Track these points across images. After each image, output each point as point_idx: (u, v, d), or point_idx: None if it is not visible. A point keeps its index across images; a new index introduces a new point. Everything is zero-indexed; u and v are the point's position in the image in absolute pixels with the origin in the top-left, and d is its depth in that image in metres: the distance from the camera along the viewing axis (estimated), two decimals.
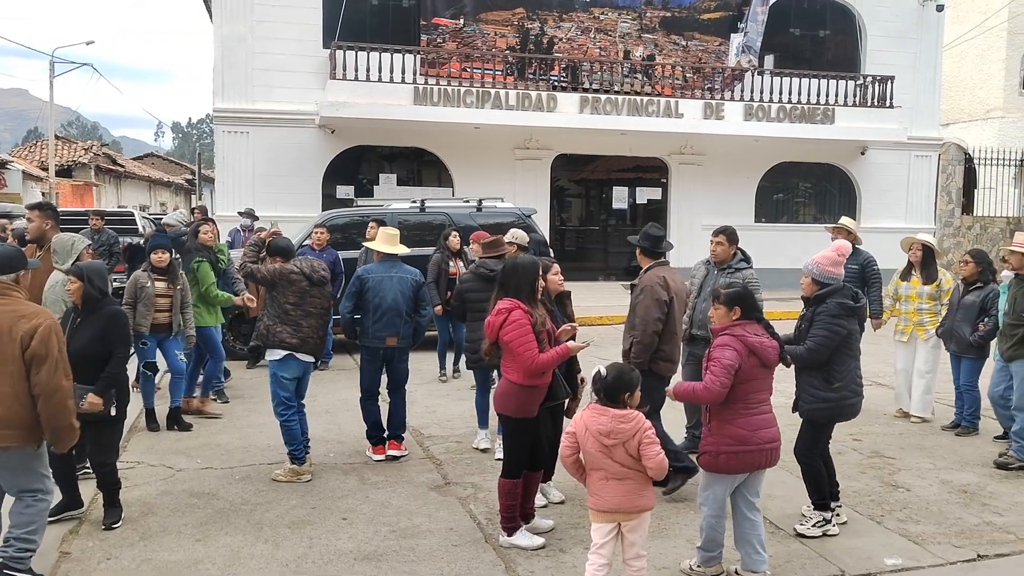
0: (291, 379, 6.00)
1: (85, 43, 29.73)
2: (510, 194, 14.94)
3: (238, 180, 16.53)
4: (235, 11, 16.37)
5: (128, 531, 4.93)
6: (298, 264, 6.05)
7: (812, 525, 5.02)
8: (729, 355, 4.15)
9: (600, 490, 3.93)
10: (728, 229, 6.32)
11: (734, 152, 18.54)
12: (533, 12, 17.85)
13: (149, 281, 7.05)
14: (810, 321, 4.95)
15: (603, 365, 4.03)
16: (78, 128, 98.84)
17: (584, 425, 3.94)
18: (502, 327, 4.70)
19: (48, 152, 28.67)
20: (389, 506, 5.45)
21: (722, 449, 4.20)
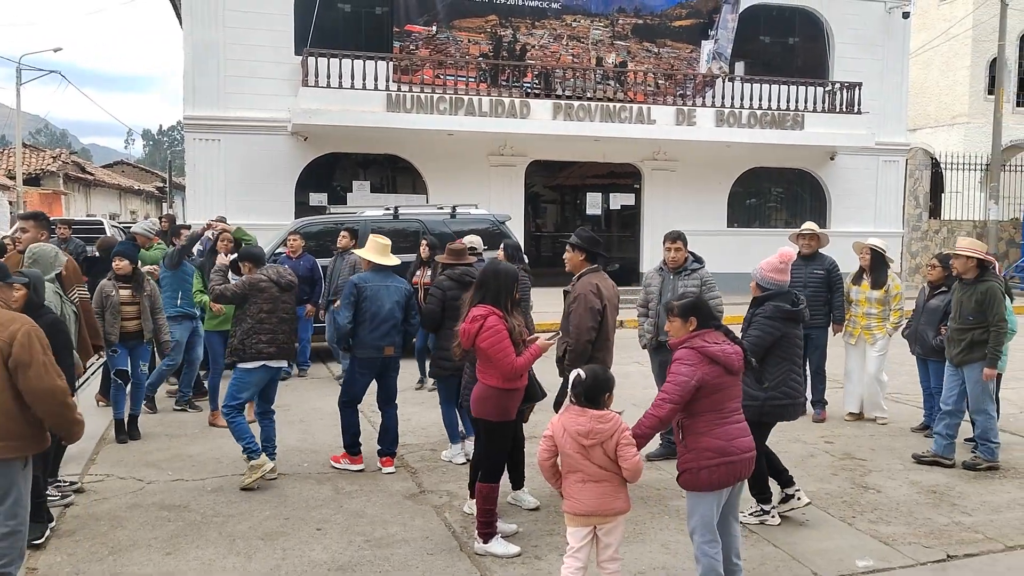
0: (258, 385, 6.06)
1: (53, 50, 29.32)
2: (484, 201, 14.95)
3: (209, 188, 16.37)
4: (205, 17, 16.23)
5: (97, 545, 4.85)
6: (265, 272, 6.07)
7: (749, 513, 5.16)
8: (684, 371, 3.95)
9: (577, 493, 3.92)
10: (683, 234, 6.45)
11: (706, 158, 18.69)
12: (506, 19, 17.89)
13: (114, 290, 6.98)
14: (749, 322, 5.09)
15: (580, 369, 4.04)
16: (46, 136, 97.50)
17: (562, 427, 3.93)
18: (479, 334, 4.71)
19: (15, 160, 28.23)
20: (363, 515, 5.41)
21: (702, 464, 3.94)
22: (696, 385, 3.93)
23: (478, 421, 4.98)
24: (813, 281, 7.71)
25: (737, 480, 4.07)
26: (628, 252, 19.65)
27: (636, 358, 10.19)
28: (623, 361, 11.07)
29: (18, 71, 28.18)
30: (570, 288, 5.70)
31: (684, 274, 6.31)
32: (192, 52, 16.29)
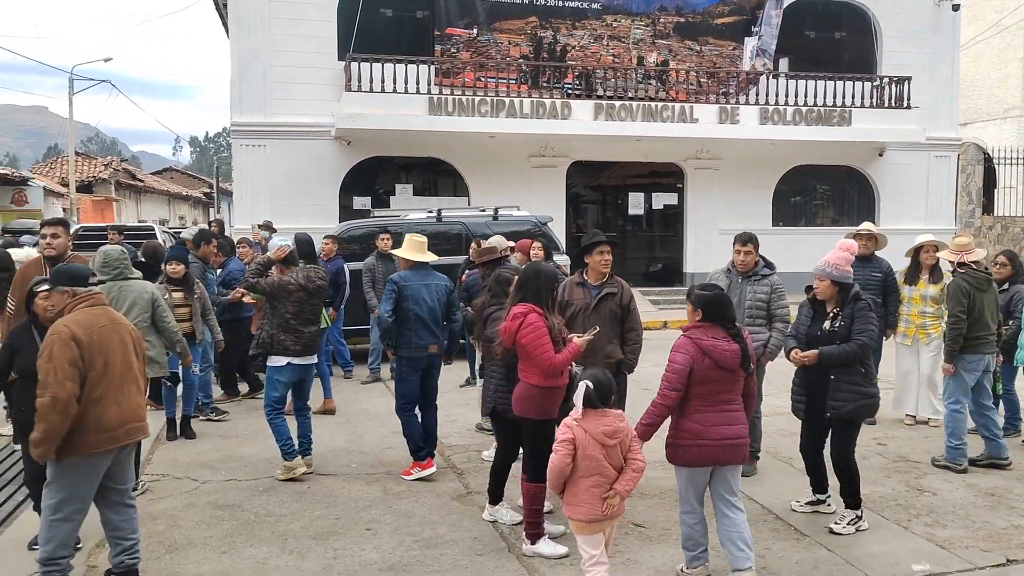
0: (287, 383, 6.24)
1: (103, 60, 30.09)
2: (526, 202, 14.96)
3: (256, 193, 16.64)
4: (251, 26, 16.52)
5: (154, 544, 4.97)
6: (294, 276, 6.22)
7: (847, 523, 5.07)
8: (679, 359, 4.28)
9: (590, 499, 3.99)
10: (754, 237, 6.20)
11: (750, 156, 18.47)
12: (546, 20, 17.89)
13: (167, 292, 7.14)
14: (851, 318, 5.03)
15: (587, 380, 4.08)
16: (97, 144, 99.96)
17: (584, 430, 4.00)
18: (519, 331, 4.75)
19: (68, 168, 29.00)
20: (412, 516, 5.46)
21: (677, 442, 4.33)
22: (688, 372, 4.24)
23: (521, 421, 4.99)
24: (872, 284, 7.50)
25: (711, 463, 4.31)
26: (670, 252, 19.51)
27: None
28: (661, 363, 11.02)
29: (70, 81, 28.91)
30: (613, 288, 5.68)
31: (754, 279, 6.03)
32: (238, 60, 16.58)
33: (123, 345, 4.22)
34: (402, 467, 6.46)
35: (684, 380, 4.25)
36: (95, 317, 4.16)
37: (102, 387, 4.06)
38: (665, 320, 14.82)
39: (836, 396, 5.01)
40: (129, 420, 4.20)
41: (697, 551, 4.42)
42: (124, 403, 4.18)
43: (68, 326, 4.03)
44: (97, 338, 4.08)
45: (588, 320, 5.47)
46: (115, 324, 4.26)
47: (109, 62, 30.45)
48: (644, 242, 20.03)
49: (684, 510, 4.43)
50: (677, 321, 14.97)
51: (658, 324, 14.57)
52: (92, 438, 4.02)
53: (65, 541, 4.09)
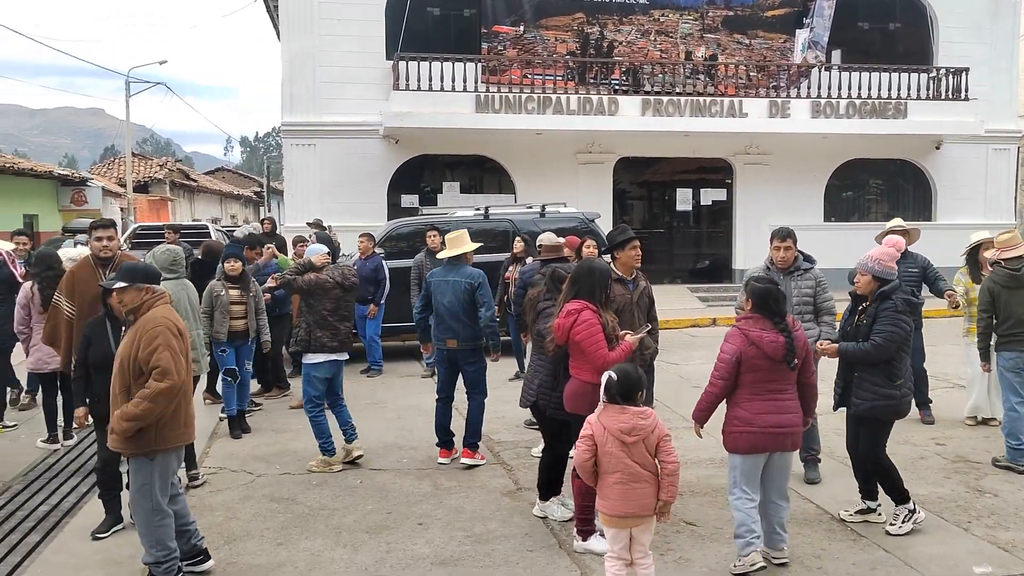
0: (323, 379, 6.37)
1: (159, 63, 30.77)
2: (573, 199, 14.92)
3: (306, 191, 16.91)
4: (301, 27, 16.77)
5: (213, 535, 5.09)
6: (331, 274, 6.36)
7: (902, 522, 4.97)
8: (727, 349, 4.47)
9: (615, 494, 3.99)
10: (792, 232, 6.10)
11: (801, 150, 18.17)
12: (593, 16, 17.83)
13: (223, 290, 7.31)
14: (874, 317, 4.94)
15: (611, 370, 4.10)
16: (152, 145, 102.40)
17: (603, 426, 4.01)
18: (573, 327, 4.75)
19: (125, 169, 29.78)
20: (463, 511, 5.50)
21: (730, 429, 4.50)
22: (736, 361, 4.41)
23: (572, 418, 4.99)
24: (909, 280, 7.32)
25: (761, 450, 4.43)
26: (719, 248, 19.29)
27: None
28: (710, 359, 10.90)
29: (127, 84, 29.63)
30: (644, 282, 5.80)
31: (796, 274, 5.90)
32: (289, 61, 16.85)
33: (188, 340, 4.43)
34: (452, 464, 6.55)
35: (731, 369, 4.43)
36: (174, 313, 4.38)
37: (188, 379, 4.30)
38: (714, 317, 14.65)
39: (857, 394, 5.00)
40: (192, 415, 4.43)
41: (749, 536, 4.41)
42: (192, 400, 4.46)
43: (166, 320, 4.19)
44: (184, 335, 4.34)
45: (633, 315, 5.47)
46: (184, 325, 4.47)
47: (164, 65, 31.10)
48: (691, 238, 19.84)
49: (736, 495, 4.49)
50: (726, 318, 14.80)
51: (707, 321, 14.42)
52: (181, 431, 4.28)
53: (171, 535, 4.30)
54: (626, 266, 5.71)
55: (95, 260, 5.86)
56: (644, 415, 4.02)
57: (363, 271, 10.12)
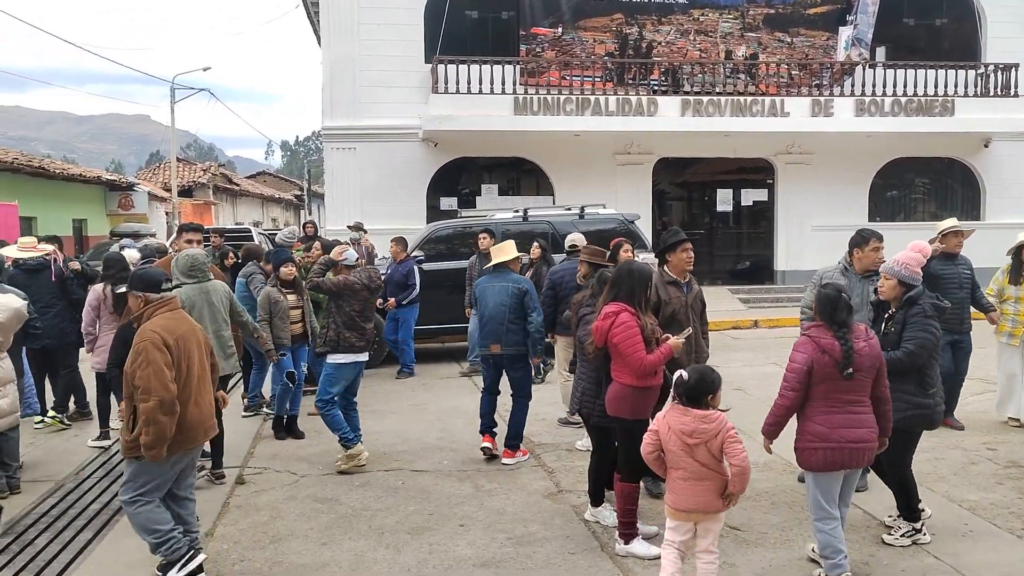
0: (347, 379, 6.46)
1: (203, 69, 31.32)
2: (611, 200, 14.88)
3: (346, 195, 17.09)
4: (342, 32, 16.96)
5: (259, 534, 5.16)
6: (358, 275, 6.45)
7: (901, 535, 4.83)
8: (797, 359, 4.22)
9: (679, 489, 4.03)
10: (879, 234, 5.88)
11: (845, 149, 17.89)
12: (631, 17, 17.75)
13: (282, 295, 7.39)
14: (903, 324, 4.78)
15: (684, 369, 4.10)
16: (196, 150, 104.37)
17: (667, 424, 4.04)
18: (610, 330, 4.73)
19: (171, 174, 30.36)
20: (504, 513, 5.51)
21: (804, 445, 4.25)
22: (808, 371, 4.17)
23: (614, 421, 4.97)
24: (967, 282, 7.19)
25: (840, 467, 4.22)
26: (759, 249, 19.07)
27: (773, 359, 9.89)
28: (760, 362, 10.79)
29: (172, 90, 30.22)
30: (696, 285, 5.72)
31: (875, 278, 5.61)
32: (329, 65, 17.05)
33: (199, 349, 4.47)
34: (493, 464, 6.60)
35: (803, 380, 4.19)
36: (176, 322, 4.38)
37: (187, 390, 4.30)
38: (755, 319, 14.48)
39: None
40: (206, 420, 4.46)
41: (838, 558, 4.23)
42: (202, 404, 4.43)
43: (156, 331, 4.23)
44: (181, 342, 4.31)
45: (688, 318, 5.45)
46: (192, 329, 4.49)
47: (207, 71, 31.65)
48: (732, 239, 19.64)
49: (819, 516, 4.27)
50: (768, 320, 14.63)
51: (748, 323, 14.25)
52: (177, 437, 4.22)
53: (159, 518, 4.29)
54: (678, 269, 5.67)
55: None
56: (707, 419, 3.97)
57: (394, 275, 10.19)
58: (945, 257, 7.14)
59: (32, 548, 5.00)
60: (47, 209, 20.07)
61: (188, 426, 4.30)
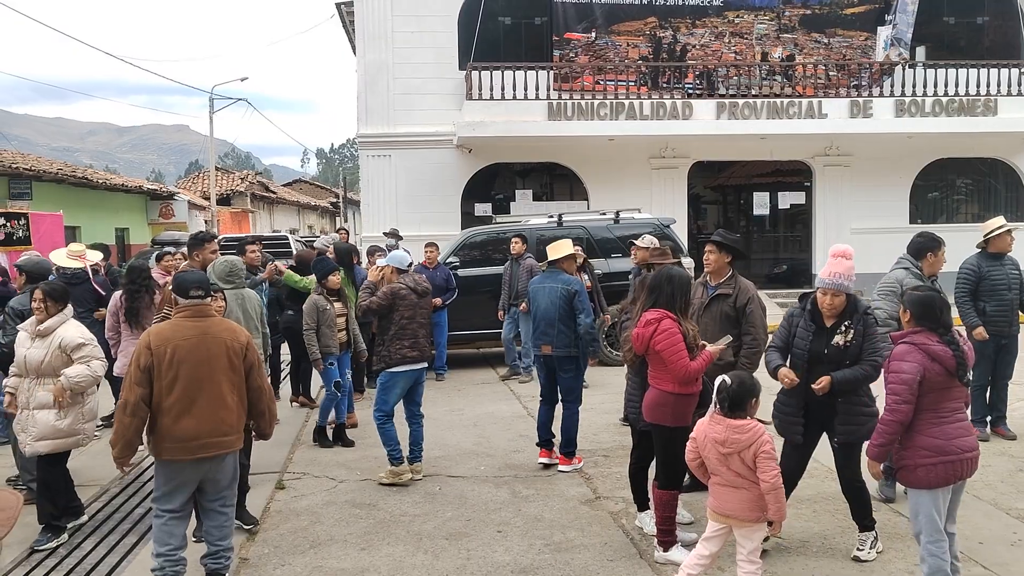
0: (403, 388, 6.33)
1: (240, 79, 31.80)
2: (646, 204, 14.82)
3: (382, 202, 17.22)
4: (376, 40, 17.11)
5: (299, 538, 5.21)
6: (404, 280, 6.37)
7: (870, 548, 4.72)
8: (907, 368, 3.89)
9: (717, 493, 4.06)
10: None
11: (885, 151, 17.61)
12: (665, 20, 17.66)
13: (329, 304, 7.43)
14: (863, 336, 4.52)
15: (727, 375, 4.06)
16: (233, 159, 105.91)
17: (703, 432, 4.06)
18: (652, 337, 4.69)
19: (209, 183, 30.85)
20: (542, 520, 5.49)
21: (919, 462, 3.91)
22: (920, 381, 3.88)
23: (653, 428, 4.94)
24: (1016, 283, 7.01)
25: (957, 479, 3.96)
26: (797, 253, 18.84)
27: None
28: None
29: (211, 100, 30.74)
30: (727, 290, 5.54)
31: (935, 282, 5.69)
32: (364, 74, 17.21)
33: (210, 359, 4.21)
34: (530, 470, 6.59)
35: (916, 391, 3.88)
36: (182, 329, 4.23)
37: (172, 398, 4.12)
38: None
39: (846, 420, 4.61)
40: (205, 435, 4.17)
41: None
42: (201, 416, 4.16)
43: (149, 335, 4.25)
44: (173, 350, 4.14)
45: (699, 321, 5.38)
46: (203, 338, 4.23)
47: (245, 81, 32.14)
48: (769, 242, 19.45)
49: (931, 539, 3.94)
50: None
51: None
52: (167, 445, 4.15)
53: (160, 537, 4.23)
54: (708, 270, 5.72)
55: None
56: (740, 429, 3.92)
57: (435, 280, 10.29)
58: (992, 257, 6.99)
59: (79, 551, 5.11)
60: (91, 218, 20.49)
61: (178, 436, 4.13)
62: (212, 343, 4.24)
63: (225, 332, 4.33)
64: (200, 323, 4.28)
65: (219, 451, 4.25)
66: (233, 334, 4.35)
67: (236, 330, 4.41)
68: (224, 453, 4.29)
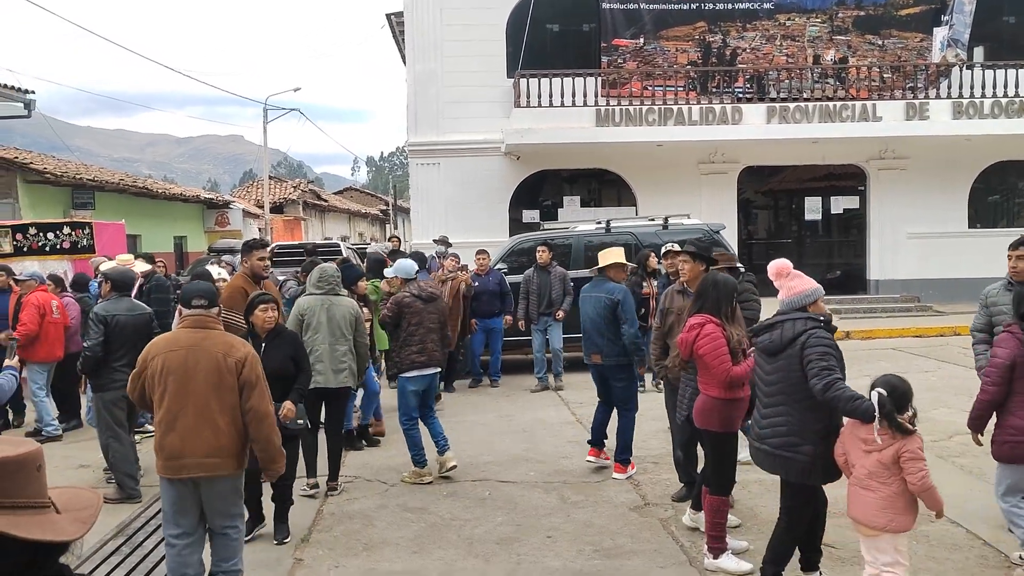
0: (416, 392, 6.50)
1: (293, 90, 32.42)
2: (695, 210, 14.72)
3: (431, 209, 17.39)
4: (426, 50, 17.32)
5: (352, 541, 5.32)
6: (408, 289, 6.55)
7: None
8: (1000, 354, 4.40)
9: (849, 495, 3.96)
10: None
11: (942, 154, 17.19)
12: (715, 24, 17.52)
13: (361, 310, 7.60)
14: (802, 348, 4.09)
15: (879, 388, 3.77)
16: (285, 168, 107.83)
17: (850, 429, 3.98)
18: (696, 341, 4.71)
19: (263, 191, 31.49)
20: (592, 525, 5.51)
21: (1005, 439, 4.42)
22: (1010, 366, 4.35)
23: (703, 433, 4.94)
24: None
25: None
26: (851, 258, 18.49)
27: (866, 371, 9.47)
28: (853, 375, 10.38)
29: (265, 111, 31.38)
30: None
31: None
32: (414, 83, 17.43)
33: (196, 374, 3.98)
34: (579, 476, 6.60)
35: (1005, 374, 4.37)
36: (173, 341, 4.11)
37: (161, 412, 4.01)
38: (848, 330, 14.03)
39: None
40: (188, 454, 3.95)
41: None
42: (185, 434, 3.95)
43: (148, 345, 4.21)
44: (161, 363, 4.01)
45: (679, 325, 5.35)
46: (192, 351, 4.00)
47: (297, 92, 32.77)
48: (821, 248, 19.11)
49: (1010, 504, 4.50)
50: (861, 331, 14.16)
51: (840, 335, 13.71)
52: (159, 461, 4.04)
53: (169, 564, 4.10)
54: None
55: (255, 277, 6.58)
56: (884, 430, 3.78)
57: (488, 286, 10.43)
58: None
59: (141, 550, 5.27)
60: (151, 227, 21.09)
61: (166, 453, 3.97)
62: (202, 356, 3.98)
63: (219, 346, 4.03)
64: (195, 334, 4.06)
65: (203, 473, 3.96)
66: (228, 349, 4.04)
67: (234, 345, 4.10)
68: (211, 476, 3.99)
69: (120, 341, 6.25)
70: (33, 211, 15.89)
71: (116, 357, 6.25)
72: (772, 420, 4.20)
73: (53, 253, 10.93)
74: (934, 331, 14.15)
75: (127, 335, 6.27)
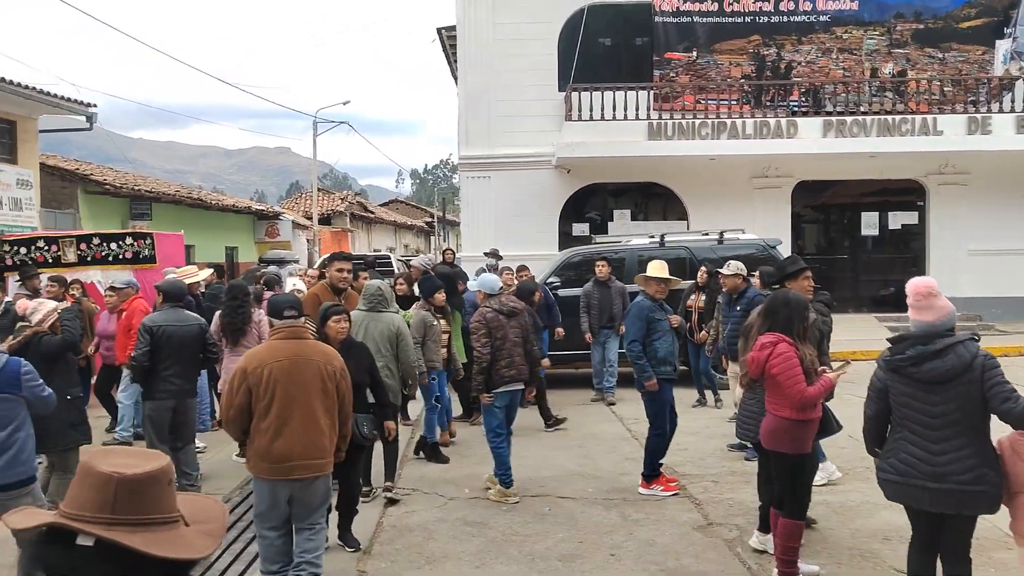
0: (502, 407, 6.42)
1: (343, 103, 32.83)
2: (749, 224, 14.47)
3: (481, 222, 17.41)
4: (478, 65, 17.40)
5: (414, 554, 5.29)
6: (490, 304, 6.53)
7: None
8: None
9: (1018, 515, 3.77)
10: None
11: (1006, 169, 16.70)
12: (769, 38, 17.32)
13: (435, 320, 7.61)
14: None
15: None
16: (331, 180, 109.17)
17: (1010, 444, 3.81)
18: (768, 361, 4.60)
19: (312, 203, 31.92)
20: (654, 544, 5.41)
21: None
22: None
23: (773, 455, 4.81)
24: None
25: None
26: (907, 275, 17.95)
27: None
28: None
29: (314, 124, 31.85)
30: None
31: None
32: (465, 97, 17.52)
33: (303, 381, 4.24)
34: (638, 494, 6.50)
35: None
36: (275, 351, 4.30)
37: (267, 419, 4.20)
38: None
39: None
40: (295, 457, 4.20)
41: None
42: (293, 438, 4.19)
43: (245, 357, 4.44)
44: (268, 372, 4.20)
45: None
46: (296, 360, 4.26)
47: (347, 105, 33.18)
48: (877, 264, 18.67)
49: None
50: None
51: None
52: (259, 464, 4.27)
53: (266, 555, 4.43)
54: None
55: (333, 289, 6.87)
56: None
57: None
58: None
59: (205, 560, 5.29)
60: (204, 238, 21.49)
61: (270, 457, 4.20)
62: (305, 365, 4.26)
63: (319, 355, 4.36)
64: (293, 345, 4.32)
65: (309, 473, 4.26)
66: (327, 358, 4.38)
67: (330, 354, 4.44)
68: (315, 476, 4.30)
69: (167, 351, 6.37)
70: (93, 221, 16.29)
71: (164, 367, 6.36)
72: (954, 455, 3.78)
73: (116, 263, 11.12)
74: (998, 351, 13.56)
75: (174, 345, 6.38)
